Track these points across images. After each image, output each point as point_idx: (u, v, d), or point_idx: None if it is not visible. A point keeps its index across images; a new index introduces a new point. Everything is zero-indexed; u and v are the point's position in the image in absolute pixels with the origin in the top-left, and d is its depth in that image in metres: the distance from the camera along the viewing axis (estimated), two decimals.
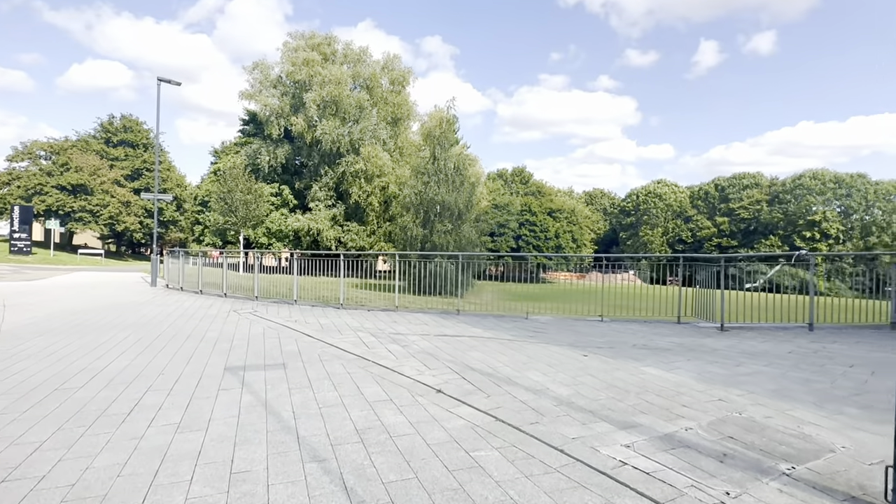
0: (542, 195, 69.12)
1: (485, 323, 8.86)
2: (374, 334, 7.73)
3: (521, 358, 6.15)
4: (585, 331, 8.16)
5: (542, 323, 8.95)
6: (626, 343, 7.10)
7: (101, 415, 3.99)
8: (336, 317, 9.56)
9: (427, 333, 7.81)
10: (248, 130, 45.30)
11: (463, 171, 29.73)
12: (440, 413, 4.17)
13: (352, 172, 40.48)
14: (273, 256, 28.42)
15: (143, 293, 13.83)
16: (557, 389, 4.83)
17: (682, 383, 5.07)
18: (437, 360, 6.06)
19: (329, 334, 7.70)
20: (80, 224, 44.18)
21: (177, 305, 11.07)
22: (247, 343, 7.02)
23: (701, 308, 8.71)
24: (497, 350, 6.60)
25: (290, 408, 4.24)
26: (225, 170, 33.30)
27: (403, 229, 27.41)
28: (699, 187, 74.49)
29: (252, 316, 9.62)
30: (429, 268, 11.14)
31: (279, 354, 6.34)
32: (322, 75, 40.98)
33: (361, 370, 5.57)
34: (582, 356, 6.23)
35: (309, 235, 40.13)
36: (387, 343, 7.04)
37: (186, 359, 6.03)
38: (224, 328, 8.19)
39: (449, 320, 9.17)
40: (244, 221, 29.65)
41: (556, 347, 6.76)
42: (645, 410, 4.25)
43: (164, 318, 9.13)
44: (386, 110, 44.62)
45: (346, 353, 6.46)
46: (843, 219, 61.12)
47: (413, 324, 8.72)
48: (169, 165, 52.75)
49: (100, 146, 48.43)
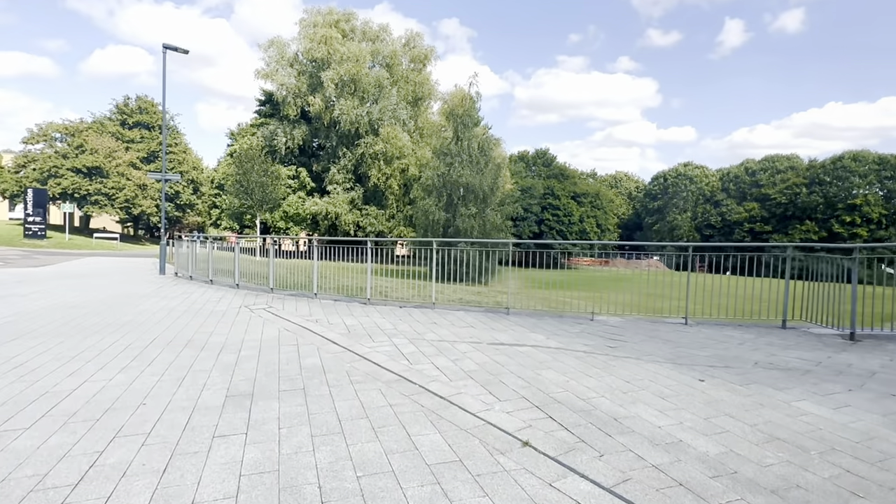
0: (566, 178, 66.79)
1: (544, 326, 7.36)
2: (413, 340, 6.31)
3: (616, 382, 4.66)
4: (674, 338, 6.62)
5: (614, 326, 7.42)
6: (741, 359, 5.54)
7: (31, 491, 2.62)
8: (363, 315, 8.16)
9: (478, 340, 6.36)
10: (264, 111, 43.96)
11: (487, 152, 28.10)
12: (541, 491, 2.72)
13: (371, 154, 38.97)
14: (291, 241, 27.27)
15: (149, 283, 12.63)
16: (696, 442, 3.34)
17: (872, 433, 3.54)
18: (504, 384, 4.60)
19: (358, 340, 6.29)
20: (97, 207, 43.56)
21: (182, 299, 9.79)
22: (258, 353, 5.64)
23: (816, 308, 7.08)
24: (577, 368, 5.12)
25: (314, 477, 2.83)
26: (241, 151, 32.09)
27: (425, 213, 25.94)
28: (728, 170, 71.29)
29: (266, 313, 8.27)
30: (453, 254, 9.83)
31: (298, 371, 4.95)
32: (340, 53, 39.31)
33: (407, 400, 4.15)
34: (697, 380, 4.71)
35: (327, 220, 38.90)
36: (432, 355, 5.60)
37: (179, 378, 4.68)
38: (232, 331, 6.85)
39: (499, 322, 7.69)
40: (261, 204, 28.46)
41: (652, 365, 5.25)
42: (857, 490, 2.74)
43: (165, 317, 7.83)
44: (406, 89, 42.84)
45: (383, 369, 5.04)
46: (886, 203, 57.78)
47: (457, 326, 7.27)
48: (185, 148, 51.80)
49: (115, 128, 47.61)
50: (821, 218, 59.15)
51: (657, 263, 61.34)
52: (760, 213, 63.74)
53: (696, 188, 70.03)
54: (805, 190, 60.56)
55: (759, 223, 63.66)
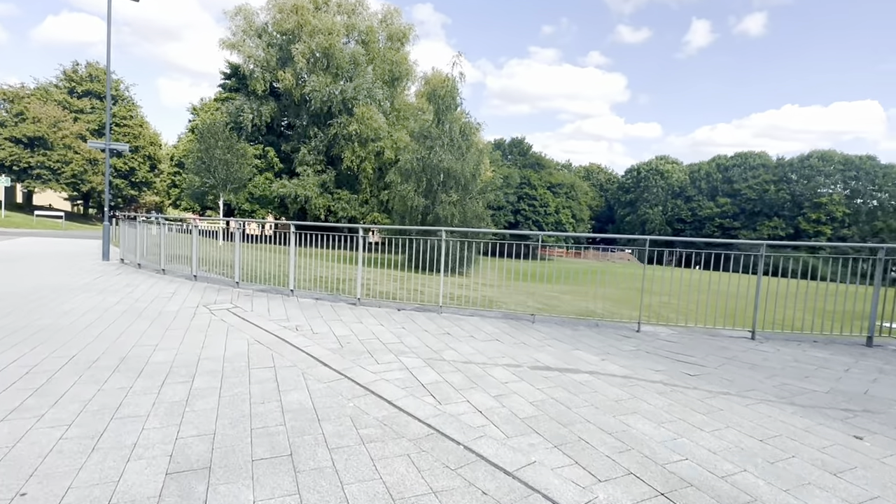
0: (542, 168, 65.97)
1: (585, 340, 5.95)
2: (430, 361, 4.79)
3: (744, 440, 3.28)
4: (757, 361, 5.31)
5: (670, 341, 6.08)
6: (875, 398, 4.22)
7: None
8: (355, 320, 6.58)
9: (514, 362, 4.90)
10: (229, 85, 40.91)
11: (469, 137, 26.68)
12: None
13: (344, 135, 36.78)
14: (258, 225, 25.03)
15: (87, 271, 10.61)
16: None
17: None
18: (587, 443, 3.16)
19: (357, 360, 4.74)
20: (39, 182, 39.75)
21: (124, 294, 7.94)
22: (219, 383, 4.03)
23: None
24: (672, 412, 3.73)
25: None
26: (203, 126, 29.43)
27: (403, 199, 24.36)
28: (699, 166, 71.98)
29: (231, 315, 6.58)
30: (430, 242, 8.63)
31: (279, 418, 3.38)
32: (312, 24, 36.76)
33: (458, 480, 2.66)
34: (852, 437, 3.39)
35: (296, 203, 36.58)
36: (464, 388, 4.11)
37: (95, 433, 3.04)
38: (185, 343, 5.17)
39: (526, 332, 6.24)
40: (225, 184, 26.08)
41: (767, 407, 3.90)
42: None
43: (97, 320, 6.05)
44: (383, 68, 40.61)
45: (404, 413, 3.53)
46: (849, 202, 59.39)
47: (478, 339, 5.78)
48: (141, 121, 47.98)
49: (62, 96, 43.45)
50: (788, 215, 60.35)
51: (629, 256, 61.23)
52: (732, 209, 64.59)
53: (666, 184, 70.37)
54: (773, 187, 61.61)
55: (728, 219, 64.54)
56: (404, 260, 16.64)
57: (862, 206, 58.79)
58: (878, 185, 58.09)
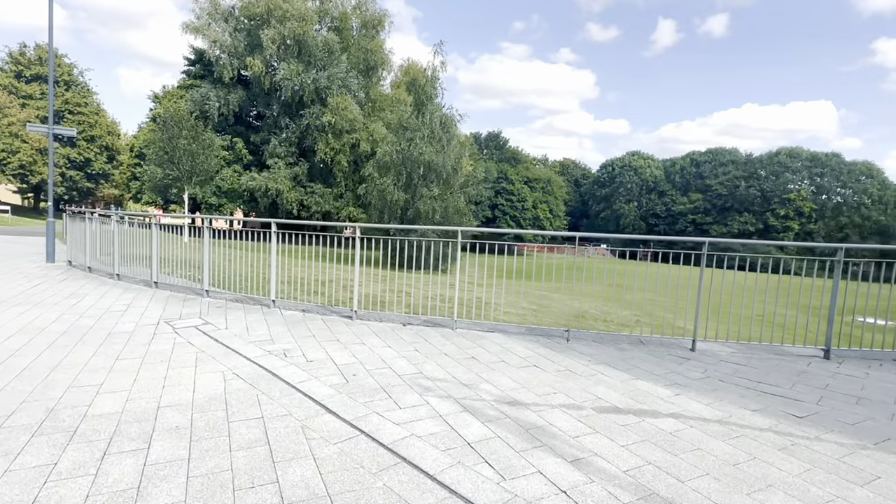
0: (518, 163, 65.40)
1: (643, 366, 4.93)
2: (466, 403, 3.73)
3: None
4: (855, 391, 4.42)
5: (736, 364, 5.14)
6: None
7: None
8: (355, 340, 5.44)
9: (573, 403, 3.87)
10: (194, 72, 38.57)
11: (450, 129, 25.64)
12: None
13: (317, 126, 35.12)
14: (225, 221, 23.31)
15: (24, 276, 9.09)
16: None
17: None
18: None
19: (372, 404, 3.63)
20: None
21: (66, 307, 6.57)
22: (187, 450, 2.86)
23: None
24: (815, 480, 2.78)
25: None
26: (166, 115, 27.35)
27: (382, 193, 23.16)
28: (674, 161, 72.76)
29: (201, 336, 5.35)
30: (409, 238, 7.86)
31: None
32: (283, 9, 34.87)
33: None
34: None
35: (267, 197, 34.74)
36: (525, 448, 3.06)
37: None
38: (139, 384, 3.95)
39: (566, 355, 5.20)
40: (190, 176, 24.25)
41: None
42: None
43: (23, 347, 4.73)
44: (357, 56, 38.96)
45: (456, 498, 2.46)
46: (815, 197, 60.92)
47: (512, 365, 4.74)
48: (98, 109, 44.95)
49: (8, 80, 40.19)
50: (758, 211, 61.48)
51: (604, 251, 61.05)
52: (704, 204, 65.47)
53: (640, 179, 70.85)
54: (744, 183, 62.66)
55: (700, 214, 65.41)
56: (382, 257, 15.60)
57: (827, 202, 60.41)
58: (843, 182, 59.75)
